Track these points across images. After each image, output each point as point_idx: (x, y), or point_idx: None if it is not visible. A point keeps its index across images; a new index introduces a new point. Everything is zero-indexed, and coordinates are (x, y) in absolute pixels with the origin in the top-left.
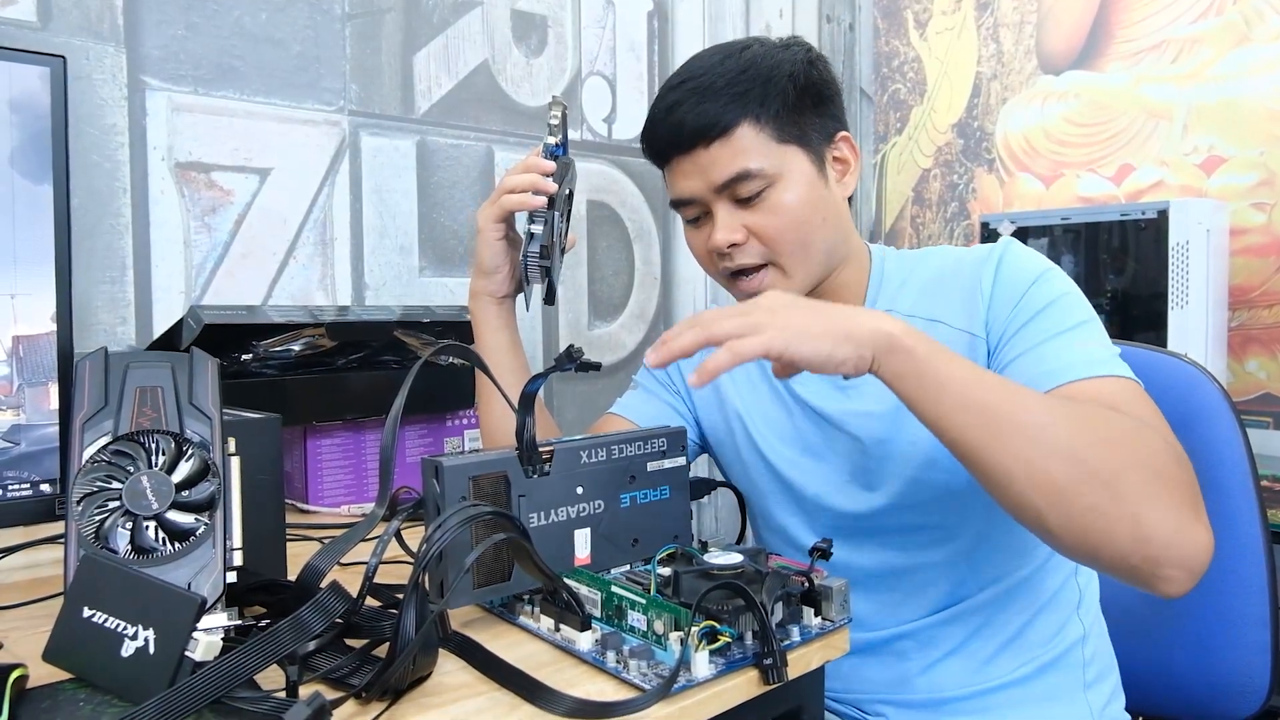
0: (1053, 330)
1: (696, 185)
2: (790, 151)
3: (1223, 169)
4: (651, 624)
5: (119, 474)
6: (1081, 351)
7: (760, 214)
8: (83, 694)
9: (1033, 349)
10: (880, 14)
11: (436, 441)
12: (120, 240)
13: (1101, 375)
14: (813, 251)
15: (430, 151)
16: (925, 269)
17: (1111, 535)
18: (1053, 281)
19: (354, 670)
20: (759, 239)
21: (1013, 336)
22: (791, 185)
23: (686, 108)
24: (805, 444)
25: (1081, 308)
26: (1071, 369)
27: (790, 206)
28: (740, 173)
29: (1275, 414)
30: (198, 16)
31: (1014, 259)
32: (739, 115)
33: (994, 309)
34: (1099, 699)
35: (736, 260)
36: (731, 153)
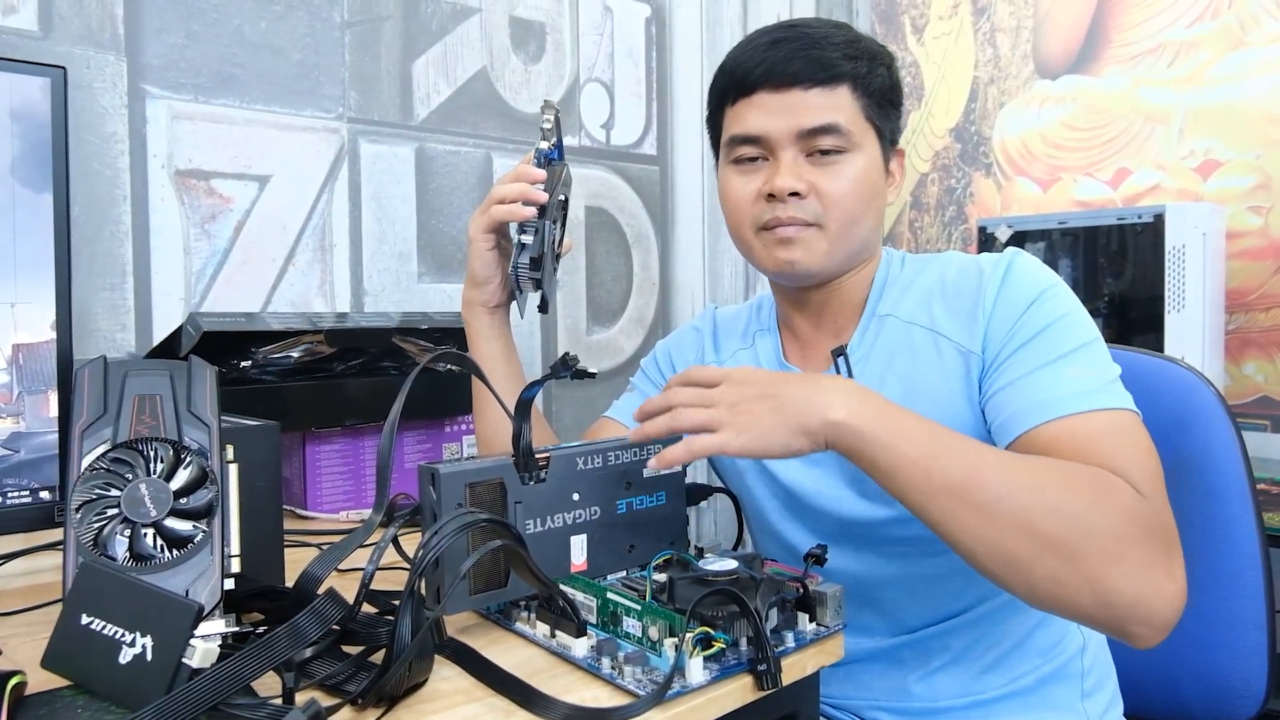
0: (1047, 356)
1: (777, 125)
2: (870, 132)
3: (1219, 172)
4: (646, 630)
5: (118, 481)
6: (1074, 381)
7: (829, 174)
8: (81, 700)
9: (1025, 377)
10: (877, 19)
11: (435, 447)
12: (120, 247)
13: (1091, 410)
14: (857, 232)
15: (429, 158)
16: (930, 275)
17: (1074, 601)
18: (1053, 301)
19: (350, 677)
20: (820, 198)
21: (1007, 359)
22: (864, 160)
23: (796, 47)
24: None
25: (1080, 329)
26: (1061, 403)
27: (858, 178)
28: (831, 124)
29: (1273, 417)
30: (198, 25)
31: (1018, 275)
32: (847, 74)
33: (993, 327)
34: (1097, 708)
35: (790, 211)
36: (828, 103)
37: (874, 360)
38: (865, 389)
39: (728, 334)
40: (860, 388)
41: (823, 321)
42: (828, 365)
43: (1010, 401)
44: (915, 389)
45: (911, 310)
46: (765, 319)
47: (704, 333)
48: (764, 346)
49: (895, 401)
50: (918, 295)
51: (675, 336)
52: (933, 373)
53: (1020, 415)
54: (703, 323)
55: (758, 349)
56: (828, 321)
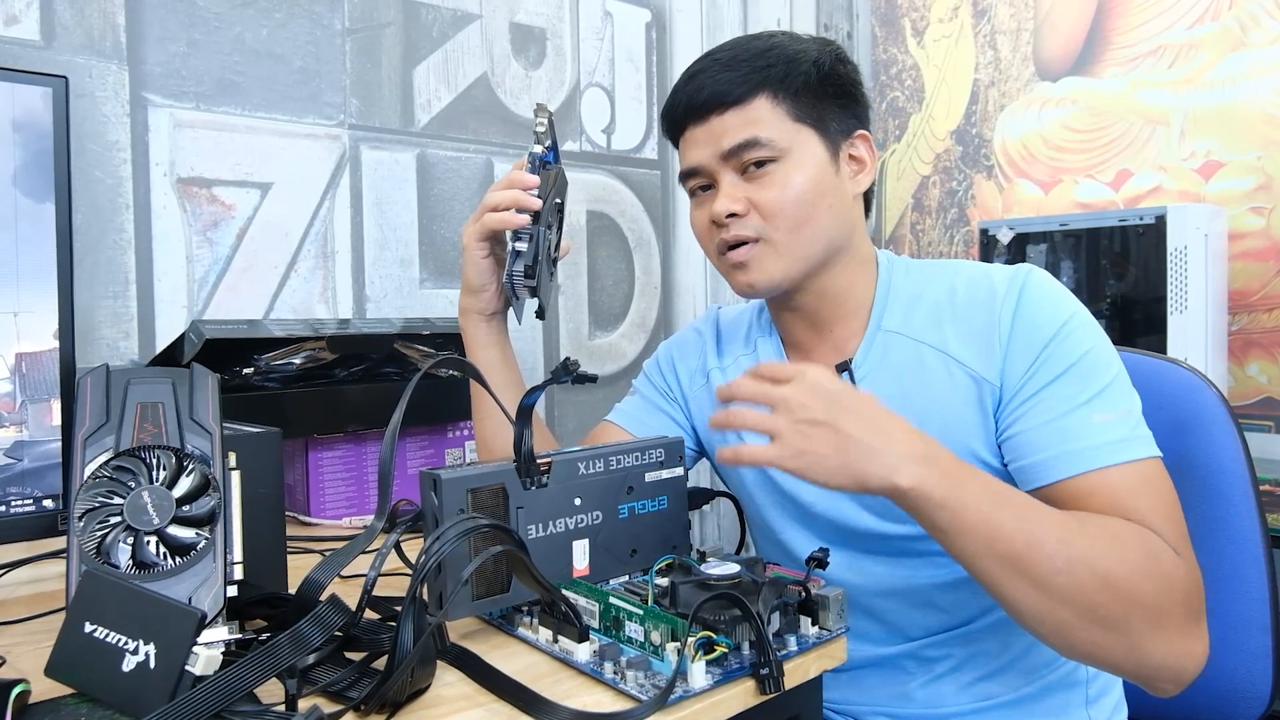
0: (1075, 400)
1: (705, 154)
2: (804, 132)
3: (1220, 174)
4: (649, 635)
5: (120, 489)
6: (1103, 429)
7: (763, 187)
8: (84, 709)
9: (1054, 422)
10: (878, 22)
11: (438, 453)
12: (123, 256)
13: (1122, 462)
14: (809, 235)
15: (430, 164)
16: (937, 288)
17: (1111, 661)
18: (1077, 333)
19: (353, 683)
20: (759, 212)
21: (1031, 398)
22: (800, 164)
23: (707, 76)
24: None
25: (1105, 363)
26: (1090, 455)
27: (794, 183)
28: (749, 140)
29: (1276, 418)
30: (199, 33)
31: (1034, 299)
32: (757, 87)
33: (1011, 357)
34: (1102, 714)
35: (733, 231)
36: (744, 120)
37: (880, 378)
38: (932, 446)
39: (730, 338)
40: (928, 446)
41: (820, 329)
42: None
43: (1038, 447)
44: (925, 413)
45: (920, 328)
46: (765, 323)
47: (706, 335)
48: (766, 352)
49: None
50: (927, 311)
51: (677, 339)
52: (943, 397)
53: (1051, 464)
54: (705, 325)
55: (760, 354)
56: (825, 330)
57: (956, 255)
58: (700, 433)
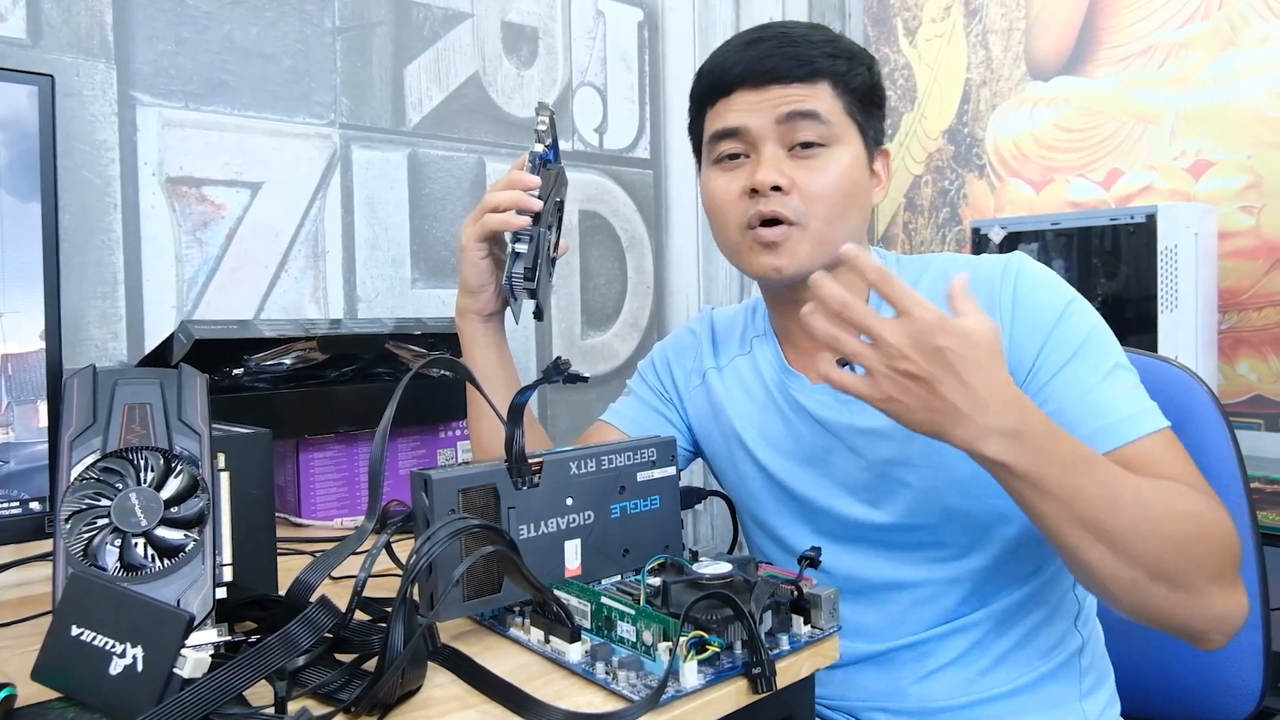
0: (1096, 374)
1: (756, 118)
2: (853, 129)
3: (1210, 173)
4: (640, 635)
5: (107, 491)
6: (1128, 400)
7: (811, 169)
8: (71, 712)
9: (1082, 398)
10: (870, 21)
11: (429, 453)
12: (111, 256)
13: (1150, 432)
14: (841, 229)
15: (422, 163)
16: (931, 278)
17: (1174, 617)
18: (1081, 314)
19: (343, 685)
20: (801, 194)
21: (1053, 377)
22: (846, 156)
23: (773, 45)
24: (804, 454)
25: (1111, 340)
26: (1125, 426)
27: (841, 173)
28: (811, 110)
29: (1267, 415)
30: (188, 32)
31: (1032, 283)
32: (826, 71)
33: (1017, 340)
34: (1095, 707)
35: (773, 206)
36: (807, 93)
37: None
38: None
39: (725, 339)
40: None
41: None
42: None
43: (1073, 423)
44: None
45: None
46: (761, 323)
47: (701, 336)
48: (763, 353)
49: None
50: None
51: (672, 339)
52: None
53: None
54: (700, 326)
55: (756, 355)
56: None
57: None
58: (696, 432)
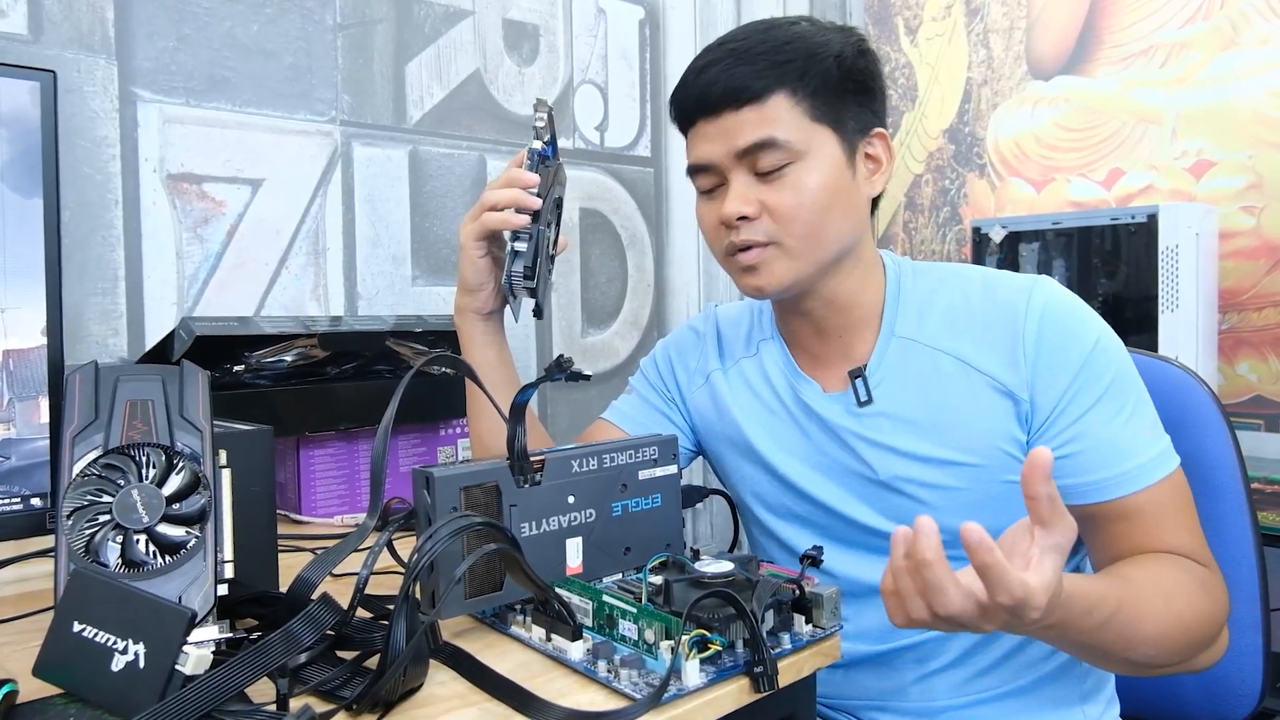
0: (1120, 417)
1: (717, 150)
2: (822, 133)
3: (1211, 173)
4: (642, 633)
5: (109, 487)
6: (1147, 444)
7: (778, 190)
8: (73, 709)
9: (1107, 443)
10: (871, 20)
11: (430, 451)
12: (112, 252)
13: (1163, 478)
14: (823, 241)
15: (423, 161)
16: (948, 294)
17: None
18: (1108, 352)
19: (345, 682)
20: (771, 216)
21: (1079, 419)
22: (816, 167)
23: (720, 68)
24: (815, 458)
25: (1133, 376)
26: (1143, 474)
27: (810, 188)
28: (765, 140)
29: (1267, 416)
30: (189, 28)
31: (1061, 316)
32: (775, 83)
33: (1042, 375)
34: (1095, 709)
35: (743, 235)
36: (760, 119)
37: (896, 384)
38: (1061, 610)
39: (731, 340)
40: (1059, 615)
41: (826, 334)
42: (845, 386)
43: (1093, 466)
44: (945, 420)
45: (935, 335)
46: (768, 326)
47: (705, 336)
48: (770, 356)
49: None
50: (940, 317)
51: (675, 338)
52: (965, 406)
53: (1106, 486)
54: (704, 325)
55: (763, 357)
56: (832, 334)
57: (949, 254)
58: (699, 432)
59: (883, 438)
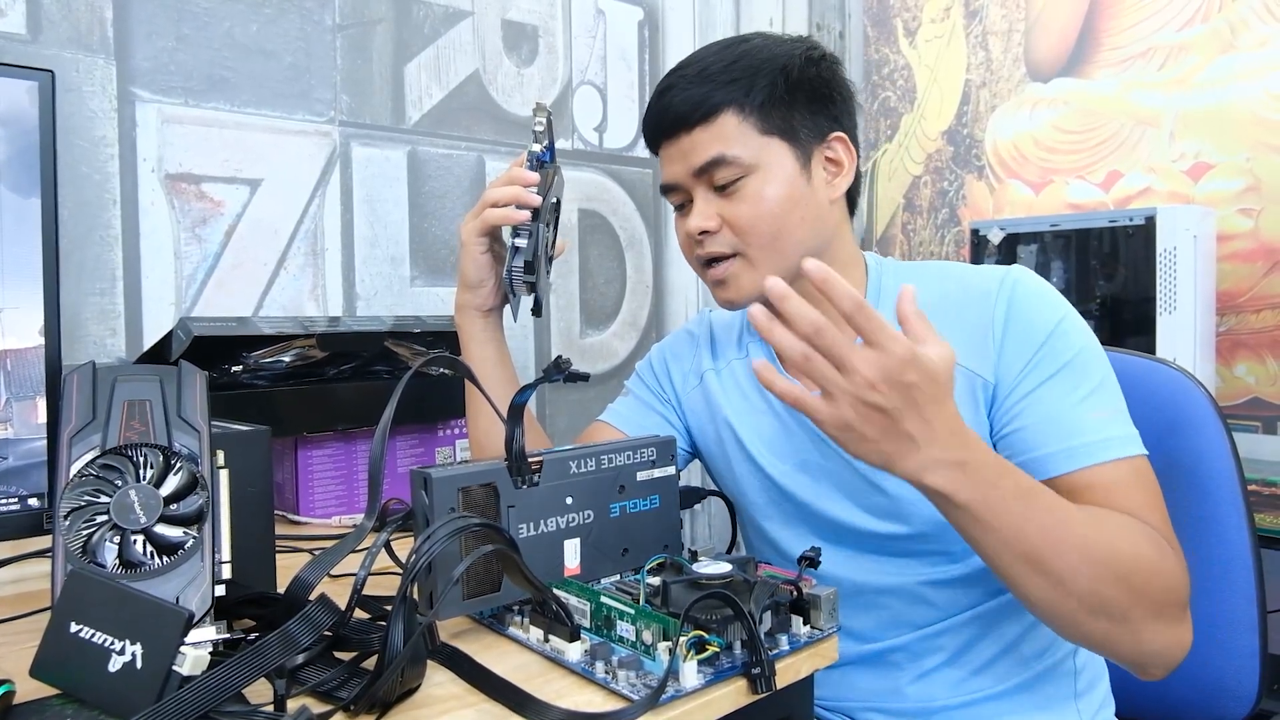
0: (1072, 396)
1: (678, 170)
2: (773, 144)
3: (1209, 175)
4: (640, 634)
5: (107, 488)
6: (1099, 425)
7: (735, 203)
8: (70, 709)
9: (1053, 419)
10: (870, 22)
11: (428, 451)
12: (110, 252)
13: (1118, 458)
14: (784, 247)
15: (421, 161)
16: (928, 290)
17: (1114, 648)
18: (1071, 333)
19: (342, 683)
20: (732, 229)
21: (1028, 395)
22: (770, 178)
23: (676, 91)
24: (799, 458)
25: (1097, 361)
26: (1090, 451)
27: (765, 198)
28: (716, 158)
29: (1264, 418)
30: (188, 28)
31: (1028, 298)
32: (724, 101)
33: (1006, 356)
34: (1090, 707)
35: (707, 248)
36: (711, 138)
37: None
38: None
39: (723, 341)
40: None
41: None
42: None
43: (1036, 443)
44: None
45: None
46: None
47: (699, 338)
48: (758, 355)
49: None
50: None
51: (671, 340)
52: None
53: (1049, 460)
54: (698, 328)
55: (752, 357)
56: None
57: (948, 255)
58: (694, 433)
59: None
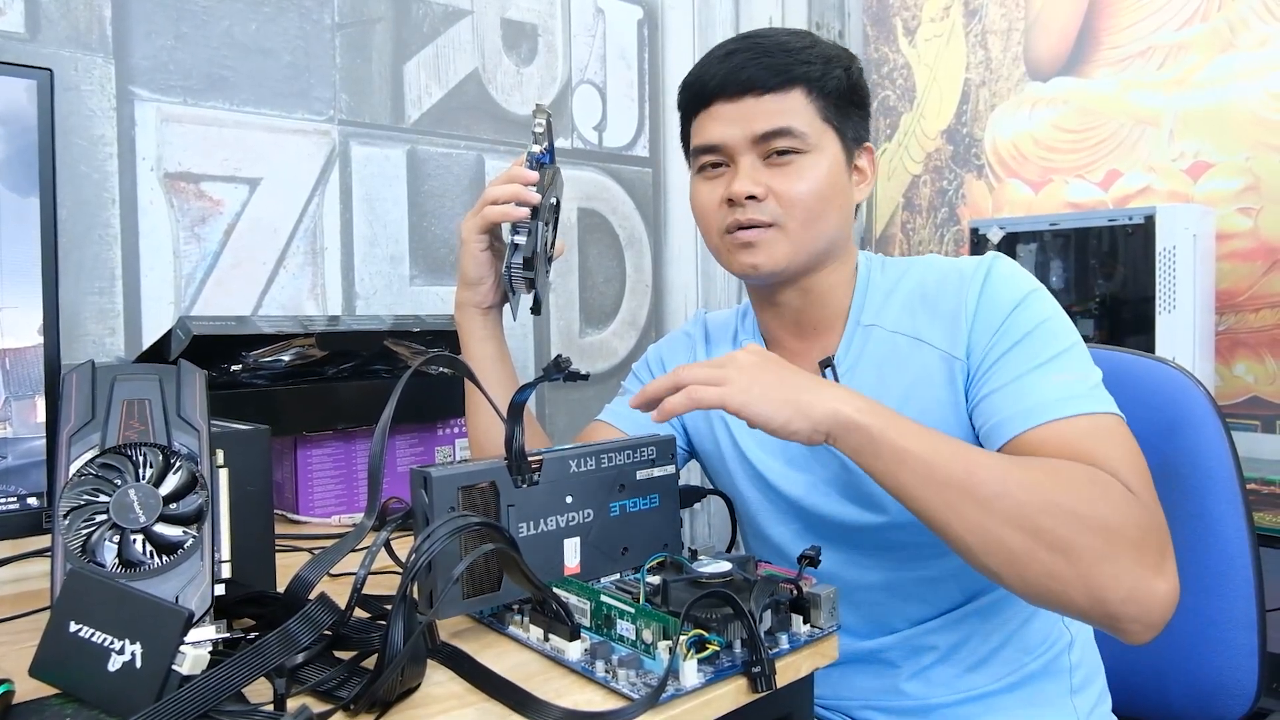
0: (1032, 362)
1: (733, 133)
2: (829, 133)
3: (1209, 174)
4: (640, 633)
5: (106, 487)
6: (1060, 386)
7: (786, 175)
8: (69, 709)
9: (1011, 383)
10: (869, 21)
11: (428, 451)
12: (109, 251)
13: (1079, 414)
14: (819, 230)
15: (420, 160)
16: (910, 281)
17: (1068, 596)
18: (1035, 306)
19: (342, 682)
20: (777, 199)
21: (992, 365)
22: (822, 161)
23: (748, 57)
24: (790, 456)
25: (1063, 333)
26: (1047, 408)
27: (816, 177)
28: (784, 128)
29: (1264, 417)
30: (187, 27)
31: (998, 279)
32: (799, 78)
33: (975, 332)
34: (1086, 704)
35: (749, 214)
36: (780, 108)
37: (862, 371)
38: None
39: (718, 340)
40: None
41: (803, 329)
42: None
43: (997, 408)
44: (903, 397)
45: (895, 319)
46: (750, 326)
47: (695, 337)
48: None
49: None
50: (901, 303)
51: (667, 340)
52: (919, 381)
53: (1007, 421)
54: (694, 328)
55: None
56: (808, 329)
57: (946, 254)
58: (691, 432)
59: None
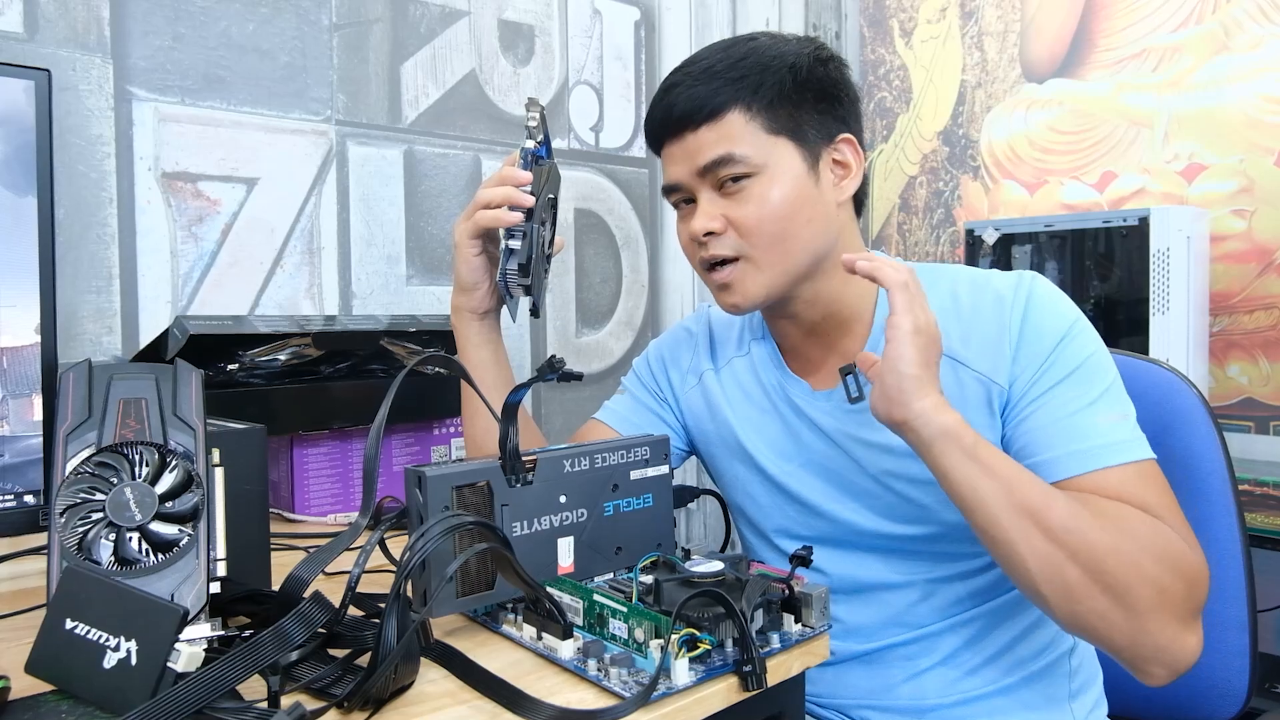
0: (1083, 400)
1: (682, 170)
2: (780, 144)
3: (1203, 176)
4: (632, 632)
5: (102, 485)
6: (1110, 429)
7: (740, 204)
8: (65, 705)
9: (1064, 420)
10: (866, 22)
11: (424, 450)
12: (106, 250)
13: (1126, 462)
14: (791, 249)
15: (417, 161)
16: (940, 292)
17: (1110, 636)
18: (1082, 339)
19: (336, 680)
20: (736, 230)
21: (1039, 397)
22: (777, 179)
23: (681, 89)
24: (804, 458)
25: (1106, 368)
26: (1101, 453)
27: (771, 200)
28: (723, 156)
29: (1257, 418)
30: (184, 27)
31: (1041, 304)
32: (730, 100)
33: (1020, 361)
34: (1083, 708)
35: (711, 250)
36: (717, 137)
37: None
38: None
39: (723, 340)
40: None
41: (820, 337)
42: (834, 384)
43: (1046, 445)
44: None
45: None
46: (758, 326)
47: (699, 336)
48: (761, 355)
49: None
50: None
51: (668, 338)
52: (953, 401)
53: (1059, 461)
54: (697, 325)
55: (754, 357)
56: (822, 334)
57: (943, 255)
58: (691, 433)
59: (873, 436)
